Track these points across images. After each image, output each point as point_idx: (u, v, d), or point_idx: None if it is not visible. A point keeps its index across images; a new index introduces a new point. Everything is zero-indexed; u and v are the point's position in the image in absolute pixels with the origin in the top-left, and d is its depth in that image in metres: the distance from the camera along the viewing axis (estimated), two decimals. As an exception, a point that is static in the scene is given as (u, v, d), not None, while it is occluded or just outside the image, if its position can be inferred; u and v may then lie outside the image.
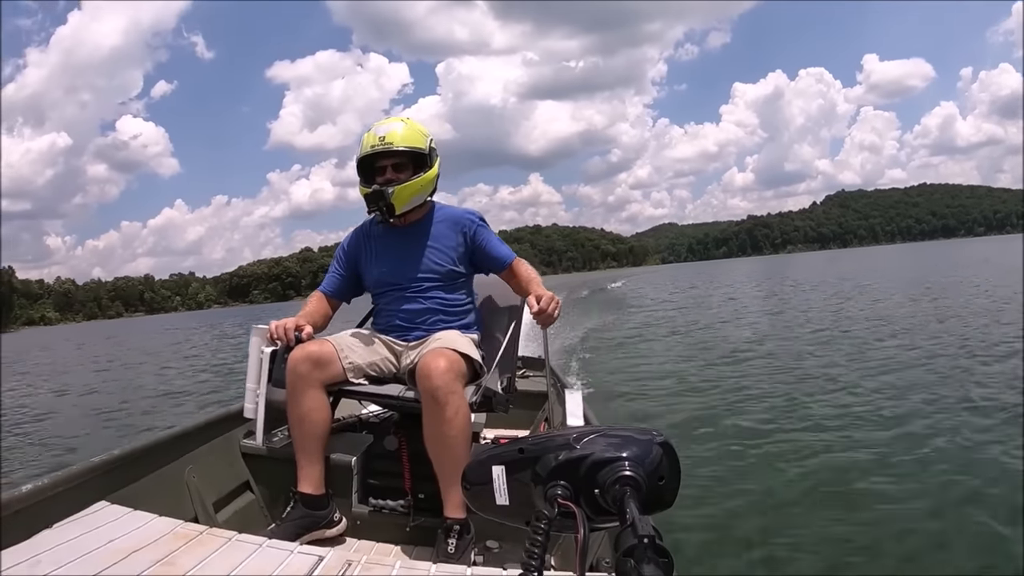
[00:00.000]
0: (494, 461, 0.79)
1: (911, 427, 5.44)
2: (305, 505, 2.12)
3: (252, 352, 2.34)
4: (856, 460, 4.75)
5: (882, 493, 4.11)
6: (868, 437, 5.27)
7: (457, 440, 2.02)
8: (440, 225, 2.47)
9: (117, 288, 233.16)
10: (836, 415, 5.97)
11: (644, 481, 0.70)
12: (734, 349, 10.53)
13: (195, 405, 9.97)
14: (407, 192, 2.33)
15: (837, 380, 7.42)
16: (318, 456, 2.17)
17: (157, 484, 1.99)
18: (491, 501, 0.78)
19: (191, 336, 34.66)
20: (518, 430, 2.99)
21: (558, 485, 0.73)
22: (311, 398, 2.14)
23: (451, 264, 2.43)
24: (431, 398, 2.02)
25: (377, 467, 2.34)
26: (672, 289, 37.03)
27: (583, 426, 0.91)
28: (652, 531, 0.61)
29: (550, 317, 2.20)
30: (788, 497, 4.22)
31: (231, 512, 2.23)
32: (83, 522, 1.61)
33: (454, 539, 2.02)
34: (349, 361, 2.22)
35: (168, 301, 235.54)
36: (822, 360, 8.82)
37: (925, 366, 7.82)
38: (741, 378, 8.02)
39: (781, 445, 5.27)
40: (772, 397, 6.87)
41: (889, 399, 6.36)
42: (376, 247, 2.50)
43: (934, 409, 5.86)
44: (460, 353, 2.17)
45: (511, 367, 2.55)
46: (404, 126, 2.38)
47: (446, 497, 2.08)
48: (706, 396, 7.24)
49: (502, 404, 2.38)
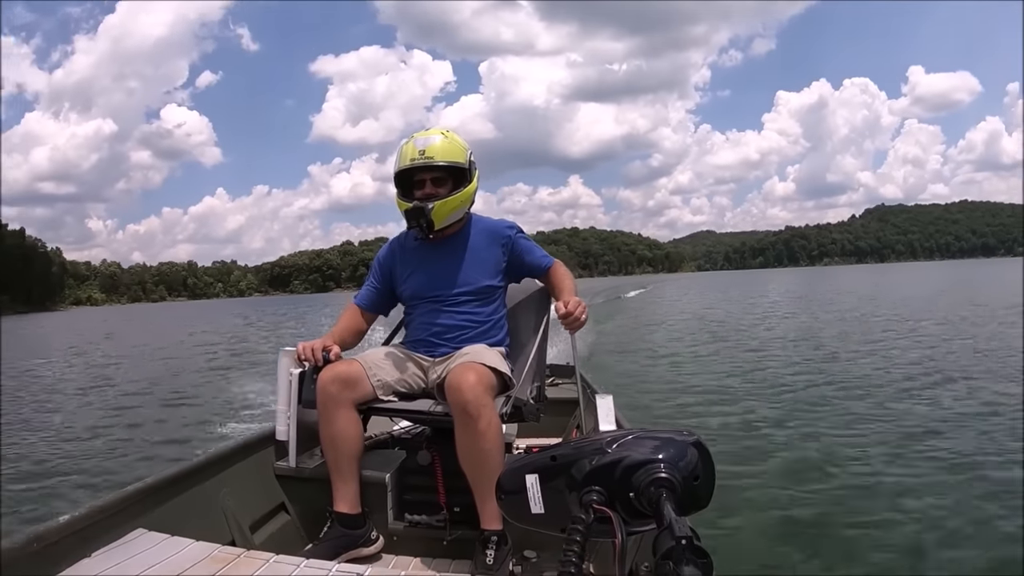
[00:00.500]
0: (527, 470, 0.80)
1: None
2: (342, 524, 2.13)
3: (281, 374, 2.35)
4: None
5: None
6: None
7: (491, 453, 2.01)
8: (478, 238, 2.46)
9: (161, 273, 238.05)
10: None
11: (679, 482, 0.70)
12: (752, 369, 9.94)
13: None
14: (447, 208, 2.32)
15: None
16: (352, 475, 2.17)
17: (193, 509, 2.00)
18: (526, 510, 0.79)
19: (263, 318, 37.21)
20: (550, 438, 2.99)
21: (592, 490, 0.73)
22: (342, 418, 2.15)
23: (487, 278, 2.42)
24: (462, 412, 2.01)
25: (411, 482, 2.35)
26: (695, 301, 34.93)
27: (615, 430, 0.88)
28: (690, 532, 0.61)
29: (577, 321, 2.17)
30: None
31: (267, 534, 2.23)
32: (122, 550, 1.62)
33: (492, 550, 2.01)
34: (378, 379, 2.22)
35: (210, 288, 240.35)
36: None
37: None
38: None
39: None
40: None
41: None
42: (412, 260, 2.49)
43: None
44: (488, 366, 2.16)
45: (540, 376, 2.53)
46: (444, 140, 2.34)
47: (482, 509, 2.07)
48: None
49: (533, 414, 2.35)
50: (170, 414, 8.91)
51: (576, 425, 2.91)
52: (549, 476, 0.78)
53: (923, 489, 4.46)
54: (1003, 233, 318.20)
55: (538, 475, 0.79)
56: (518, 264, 2.48)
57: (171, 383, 12.09)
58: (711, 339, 14.82)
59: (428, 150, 2.29)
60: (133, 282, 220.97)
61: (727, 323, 19.15)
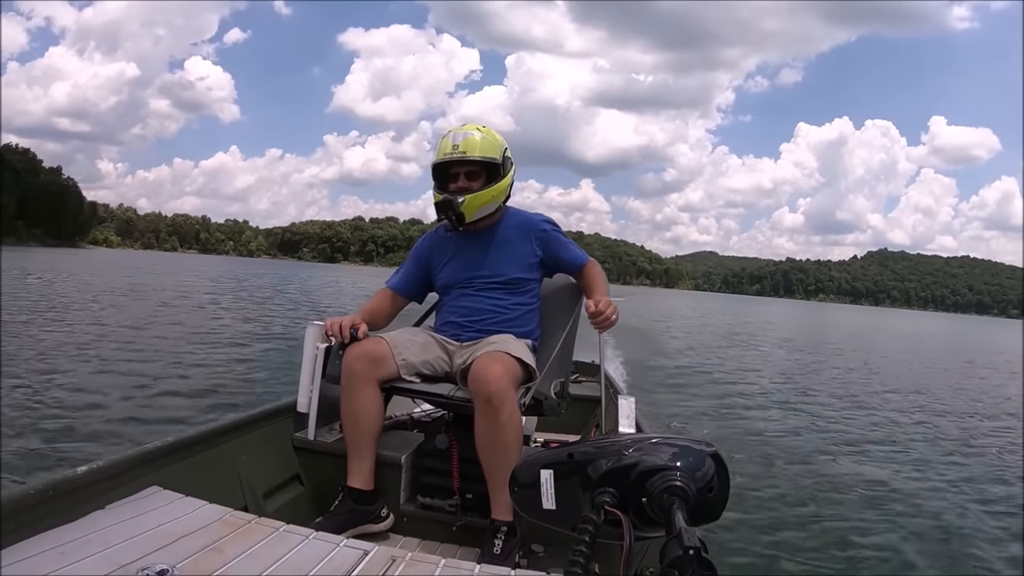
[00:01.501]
0: (543, 464, 0.79)
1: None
2: (353, 500, 2.14)
3: (307, 347, 2.37)
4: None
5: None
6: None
7: (509, 445, 2.01)
8: (512, 231, 2.48)
9: (176, 224, 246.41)
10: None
11: (693, 492, 0.70)
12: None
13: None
14: (477, 202, 2.34)
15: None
16: (369, 452, 2.18)
17: (209, 472, 2.02)
18: (538, 504, 0.79)
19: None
20: (569, 435, 3.02)
21: (606, 492, 0.73)
22: (365, 395, 2.16)
23: (519, 271, 2.43)
24: (485, 402, 2.00)
25: (426, 465, 2.35)
26: (664, 317, 33.40)
27: (634, 434, 0.86)
28: (699, 543, 0.60)
29: (607, 320, 2.19)
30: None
31: (280, 503, 2.24)
32: (135, 505, 1.63)
33: (500, 540, 2.01)
34: (403, 358, 2.23)
35: (222, 244, 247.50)
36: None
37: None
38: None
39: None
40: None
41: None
42: (448, 249, 2.52)
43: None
44: (514, 356, 2.15)
45: (565, 372, 2.51)
46: (480, 135, 2.36)
47: (494, 499, 2.07)
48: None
49: (553, 409, 2.36)
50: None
51: (596, 424, 2.96)
52: (564, 473, 0.78)
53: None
54: (999, 293, 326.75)
55: (553, 471, 0.78)
56: (553, 259, 2.49)
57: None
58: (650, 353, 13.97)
59: (463, 144, 2.32)
60: (148, 229, 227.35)
61: (670, 342, 18.49)
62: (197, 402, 6.29)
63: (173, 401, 6.29)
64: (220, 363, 8.69)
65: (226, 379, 7.60)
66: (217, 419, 2.29)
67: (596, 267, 2.51)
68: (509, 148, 2.44)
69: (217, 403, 6.20)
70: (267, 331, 12.92)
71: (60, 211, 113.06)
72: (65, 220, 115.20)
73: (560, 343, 2.46)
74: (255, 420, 2.31)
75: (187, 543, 1.46)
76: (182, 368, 8.00)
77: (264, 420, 2.35)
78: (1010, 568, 3.76)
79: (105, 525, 1.49)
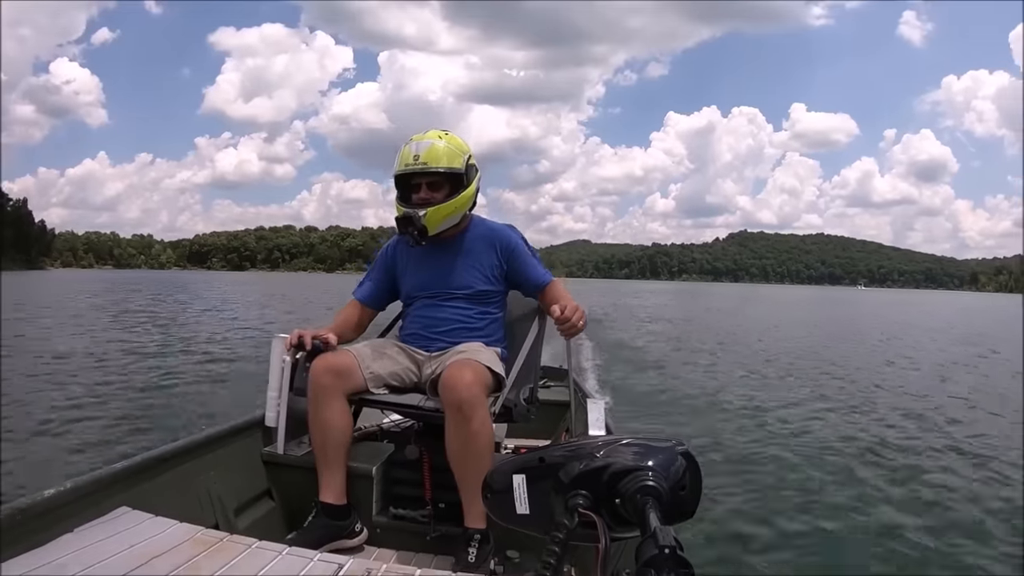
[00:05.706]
0: (515, 470, 0.79)
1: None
2: (327, 515, 2.11)
3: (274, 360, 2.33)
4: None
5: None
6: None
7: (481, 453, 2.00)
8: (477, 241, 2.45)
9: (90, 241, 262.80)
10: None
11: (666, 491, 0.70)
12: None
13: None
14: (440, 214, 2.29)
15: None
16: (340, 465, 2.15)
17: (178, 490, 1.99)
18: (511, 510, 0.79)
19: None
20: (540, 440, 2.99)
21: (579, 495, 0.73)
22: (333, 408, 2.13)
23: (484, 283, 2.41)
24: (456, 410, 1.99)
25: (398, 476, 2.33)
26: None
27: (604, 436, 0.85)
28: (673, 541, 0.61)
29: (573, 327, 2.16)
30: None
31: (251, 519, 2.22)
32: (104, 527, 1.61)
33: (474, 548, 2.00)
34: (370, 371, 2.20)
35: (133, 259, 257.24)
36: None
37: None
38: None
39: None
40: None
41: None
42: (412, 258, 2.48)
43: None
44: (484, 365, 2.15)
45: (533, 378, 2.51)
46: (443, 143, 2.31)
47: (467, 507, 2.06)
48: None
49: (523, 415, 2.34)
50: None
51: (566, 428, 2.93)
52: (536, 477, 0.78)
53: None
54: (849, 265, 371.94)
55: (526, 475, 0.78)
56: (514, 275, 2.46)
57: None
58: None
59: (424, 155, 2.26)
60: (64, 248, 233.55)
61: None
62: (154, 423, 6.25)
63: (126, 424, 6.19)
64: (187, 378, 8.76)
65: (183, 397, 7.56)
66: (185, 436, 2.25)
67: (560, 287, 2.48)
68: (473, 155, 2.40)
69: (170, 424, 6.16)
70: (232, 351, 12.28)
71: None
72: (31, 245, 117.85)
73: (528, 349, 2.46)
74: (223, 436, 2.29)
75: (160, 563, 1.46)
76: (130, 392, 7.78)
77: (232, 435, 2.33)
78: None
79: (75, 548, 1.47)
